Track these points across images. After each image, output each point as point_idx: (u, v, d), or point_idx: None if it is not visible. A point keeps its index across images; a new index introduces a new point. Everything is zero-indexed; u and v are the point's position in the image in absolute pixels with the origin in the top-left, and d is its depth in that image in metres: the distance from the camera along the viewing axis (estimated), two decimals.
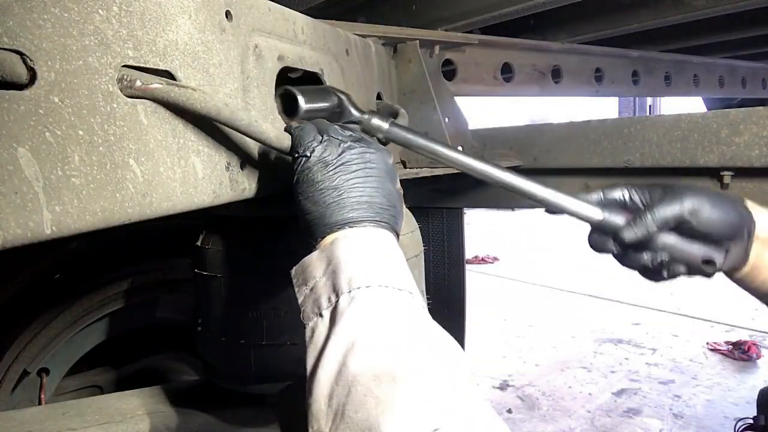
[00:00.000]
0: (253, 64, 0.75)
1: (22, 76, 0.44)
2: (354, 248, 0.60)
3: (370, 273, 0.57)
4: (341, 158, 0.66)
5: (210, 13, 0.66)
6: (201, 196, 0.65)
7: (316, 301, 0.58)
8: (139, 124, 0.55)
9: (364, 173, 0.66)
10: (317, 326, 0.56)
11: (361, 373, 0.49)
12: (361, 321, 0.53)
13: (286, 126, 0.74)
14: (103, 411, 1.18)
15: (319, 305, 0.57)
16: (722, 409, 3.30)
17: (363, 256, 0.59)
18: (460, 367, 0.53)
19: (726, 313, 4.92)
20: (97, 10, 0.50)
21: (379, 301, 0.55)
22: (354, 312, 0.54)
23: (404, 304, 0.57)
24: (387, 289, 0.57)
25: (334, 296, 0.56)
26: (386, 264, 0.60)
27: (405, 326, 0.54)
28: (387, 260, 0.60)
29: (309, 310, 0.58)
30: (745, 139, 1.21)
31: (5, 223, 0.42)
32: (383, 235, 0.64)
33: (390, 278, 0.58)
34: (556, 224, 9.09)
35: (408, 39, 1.40)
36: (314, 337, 0.56)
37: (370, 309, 0.54)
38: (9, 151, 0.43)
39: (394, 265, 0.61)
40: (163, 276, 1.76)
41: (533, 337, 4.63)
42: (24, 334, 1.58)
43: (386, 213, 0.65)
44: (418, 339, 0.53)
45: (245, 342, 1.07)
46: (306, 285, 0.60)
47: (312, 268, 0.60)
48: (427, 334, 0.55)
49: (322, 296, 0.58)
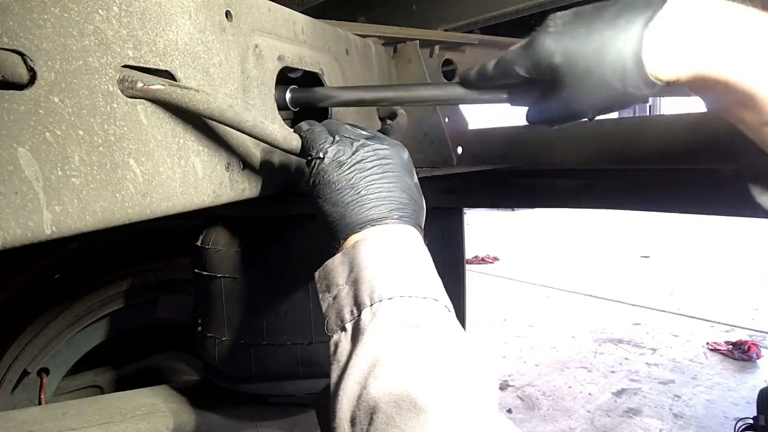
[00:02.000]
0: (253, 64, 0.75)
1: (22, 76, 0.44)
2: (376, 252, 0.58)
3: (392, 282, 0.56)
4: (355, 157, 0.65)
5: (210, 13, 0.66)
6: (201, 196, 0.65)
7: (339, 313, 0.57)
8: (139, 124, 0.55)
9: (380, 170, 0.65)
10: (341, 341, 0.55)
11: (383, 399, 0.47)
12: (383, 340, 0.52)
13: (296, 128, 0.73)
14: (103, 411, 1.18)
15: (342, 318, 0.56)
16: (722, 409, 3.30)
17: (385, 262, 0.57)
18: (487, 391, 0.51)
19: (726, 313, 4.92)
20: (97, 10, 0.50)
21: (401, 316, 0.53)
22: (375, 329, 0.52)
23: (428, 315, 0.55)
24: (410, 300, 0.55)
25: (356, 310, 0.55)
26: (409, 268, 0.58)
27: (429, 345, 0.52)
28: (410, 263, 0.59)
29: (333, 322, 0.57)
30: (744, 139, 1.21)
31: (5, 223, 0.42)
32: (406, 233, 0.63)
33: (413, 285, 0.56)
34: (556, 224, 9.10)
35: (408, 39, 1.40)
36: (337, 353, 0.55)
37: (393, 326, 0.52)
38: (9, 151, 0.43)
39: (417, 267, 0.59)
40: (163, 276, 1.77)
41: (533, 337, 4.63)
42: (24, 334, 1.58)
43: (408, 208, 0.64)
44: (443, 361, 0.51)
45: (245, 342, 1.07)
46: (329, 292, 0.59)
47: (335, 274, 0.59)
48: (453, 353, 0.52)
49: (345, 308, 0.56)
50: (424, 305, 0.55)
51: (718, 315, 4.89)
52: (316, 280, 0.62)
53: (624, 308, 5.25)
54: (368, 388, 0.49)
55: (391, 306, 0.54)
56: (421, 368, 0.50)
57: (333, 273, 0.60)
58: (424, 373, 0.49)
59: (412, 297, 0.55)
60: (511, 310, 5.35)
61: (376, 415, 0.47)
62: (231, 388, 1.14)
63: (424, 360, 0.50)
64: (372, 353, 0.51)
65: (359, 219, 0.62)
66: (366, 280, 0.56)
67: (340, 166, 0.65)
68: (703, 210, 1.37)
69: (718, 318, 4.83)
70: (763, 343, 4.22)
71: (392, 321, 0.53)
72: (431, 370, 0.50)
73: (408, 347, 0.51)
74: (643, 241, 7.88)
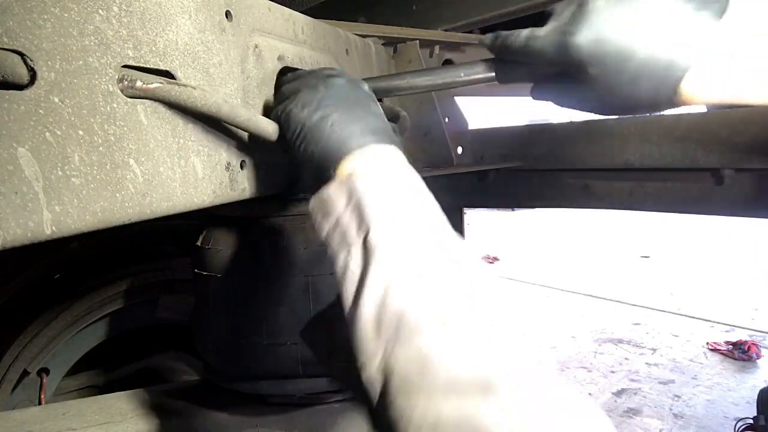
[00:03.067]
0: (253, 64, 0.75)
1: (22, 76, 0.44)
2: (373, 178, 0.58)
3: (395, 200, 0.56)
4: (318, 94, 0.66)
5: (210, 13, 0.66)
6: (201, 196, 0.65)
7: (344, 234, 0.56)
8: (139, 124, 0.55)
9: (348, 100, 0.66)
10: (351, 259, 0.55)
11: (410, 303, 0.49)
12: (398, 251, 0.52)
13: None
14: (103, 411, 1.18)
15: (348, 238, 0.56)
16: (722, 409, 3.30)
17: (384, 185, 0.58)
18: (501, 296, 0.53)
19: (726, 313, 4.92)
20: (97, 10, 0.50)
21: (411, 228, 0.54)
22: (388, 243, 0.53)
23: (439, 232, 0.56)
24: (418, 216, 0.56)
25: (364, 228, 0.55)
26: (407, 188, 0.59)
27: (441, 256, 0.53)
28: (406, 184, 0.59)
29: (337, 244, 0.57)
30: (745, 139, 1.21)
31: (5, 223, 0.42)
32: (392, 153, 0.63)
33: (415, 204, 0.58)
34: (556, 224, 9.09)
35: (408, 39, 1.40)
36: (348, 270, 0.55)
37: (405, 239, 0.53)
38: (9, 151, 0.43)
39: (413, 187, 0.60)
40: (163, 276, 1.77)
41: (533, 337, 4.62)
42: (24, 334, 1.58)
43: (384, 132, 0.65)
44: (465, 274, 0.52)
45: (245, 342, 1.07)
46: (328, 218, 0.58)
47: (332, 201, 0.58)
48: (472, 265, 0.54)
49: (350, 229, 0.56)
50: (431, 222, 0.57)
51: (718, 315, 4.89)
52: (311, 209, 0.60)
53: (624, 308, 5.25)
54: (392, 295, 0.50)
55: (399, 222, 0.54)
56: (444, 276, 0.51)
57: (329, 200, 0.59)
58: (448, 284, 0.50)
59: (418, 213, 0.56)
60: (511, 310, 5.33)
61: (404, 320, 0.48)
62: (231, 388, 1.14)
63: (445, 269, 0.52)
64: (392, 263, 0.52)
65: (341, 148, 0.62)
66: (370, 202, 0.56)
67: (305, 107, 0.65)
68: (702, 210, 1.37)
69: (718, 318, 4.83)
70: (763, 343, 4.22)
71: (404, 235, 0.54)
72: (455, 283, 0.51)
73: (424, 257, 0.52)
74: (643, 241, 7.88)
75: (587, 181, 1.55)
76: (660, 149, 1.35)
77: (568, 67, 0.65)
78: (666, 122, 1.36)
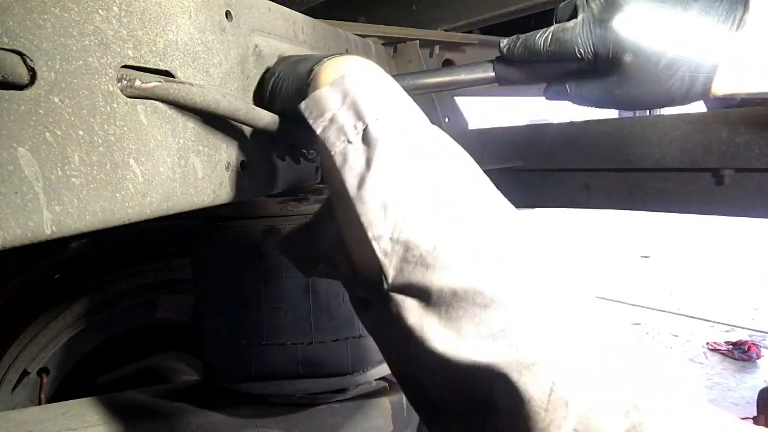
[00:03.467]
0: (253, 64, 0.75)
1: (22, 76, 0.44)
2: (365, 77, 0.59)
3: (390, 99, 0.57)
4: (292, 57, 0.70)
5: (210, 13, 0.66)
6: (201, 196, 0.65)
7: (341, 128, 0.56)
8: (139, 123, 0.55)
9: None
10: (349, 150, 0.55)
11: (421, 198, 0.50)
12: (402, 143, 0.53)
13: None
14: (103, 411, 1.18)
15: (345, 132, 0.56)
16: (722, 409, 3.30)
17: (376, 83, 0.58)
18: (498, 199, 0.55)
19: (726, 313, 4.92)
20: (97, 10, 0.50)
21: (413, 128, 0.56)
22: (392, 136, 0.53)
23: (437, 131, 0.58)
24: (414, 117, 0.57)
25: (362, 123, 0.55)
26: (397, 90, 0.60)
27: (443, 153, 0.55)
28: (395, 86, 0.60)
29: (333, 137, 0.56)
30: (745, 139, 1.21)
31: (5, 223, 0.42)
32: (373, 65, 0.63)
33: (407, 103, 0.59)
34: (556, 224, 9.09)
35: (408, 39, 1.40)
36: (349, 159, 0.54)
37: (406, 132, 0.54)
38: (9, 151, 0.43)
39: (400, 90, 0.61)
40: (163, 276, 1.77)
41: None
42: (24, 334, 1.58)
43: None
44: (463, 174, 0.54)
45: (245, 342, 1.07)
46: (322, 117, 0.58)
47: (326, 101, 0.58)
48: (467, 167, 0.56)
49: (347, 124, 0.56)
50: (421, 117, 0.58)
51: (718, 315, 4.89)
52: (303, 110, 0.59)
53: (624, 308, 5.25)
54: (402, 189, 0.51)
55: (398, 117, 0.55)
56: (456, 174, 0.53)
57: (323, 100, 0.58)
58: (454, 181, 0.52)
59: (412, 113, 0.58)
60: None
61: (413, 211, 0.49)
62: (231, 388, 1.14)
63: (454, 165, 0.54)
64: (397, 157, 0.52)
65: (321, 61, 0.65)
66: (365, 100, 0.56)
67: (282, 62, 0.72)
68: (703, 210, 1.37)
69: (718, 318, 4.83)
70: (763, 343, 4.22)
71: (406, 130, 0.55)
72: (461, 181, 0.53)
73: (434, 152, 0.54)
74: (643, 241, 7.88)
75: (587, 181, 1.55)
76: (660, 149, 1.35)
77: (599, 59, 0.64)
78: (666, 122, 1.36)
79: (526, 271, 0.47)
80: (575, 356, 0.42)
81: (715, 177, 1.30)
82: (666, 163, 1.35)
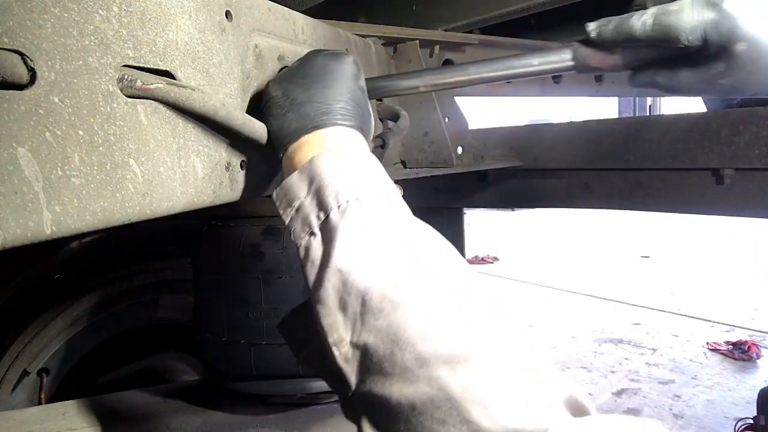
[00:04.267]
0: (253, 64, 0.75)
1: (22, 76, 0.44)
2: (333, 162, 0.58)
3: (355, 185, 0.56)
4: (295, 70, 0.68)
5: (210, 13, 0.66)
6: (201, 196, 0.65)
7: (305, 219, 0.57)
8: (139, 124, 0.55)
9: (320, 78, 0.66)
10: (311, 244, 0.55)
11: (373, 280, 0.49)
12: (360, 232, 0.53)
13: None
14: (103, 411, 1.18)
15: (309, 224, 0.56)
16: (722, 409, 3.30)
17: (344, 169, 0.58)
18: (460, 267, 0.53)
19: (726, 313, 4.92)
20: (97, 10, 0.50)
21: (371, 211, 0.55)
22: (349, 224, 0.53)
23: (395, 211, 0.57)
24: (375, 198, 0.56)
25: (323, 213, 0.55)
26: (365, 172, 0.59)
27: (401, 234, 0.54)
28: (364, 168, 0.59)
29: (299, 230, 0.57)
30: (745, 139, 1.21)
31: (5, 223, 0.42)
32: (348, 136, 0.63)
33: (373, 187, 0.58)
34: (556, 224, 9.09)
35: (408, 39, 1.40)
36: (310, 254, 0.55)
37: (365, 220, 0.54)
38: (9, 151, 0.43)
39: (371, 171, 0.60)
40: (163, 276, 1.77)
41: (533, 337, 4.63)
42: (24, 334, 1.58)
43: (348, 112, 0.65)
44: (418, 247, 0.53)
45: (245, 342, 1.07)
46: (291, 206, 0.59)
47: (294, 189, 0.59)
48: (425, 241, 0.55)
49: (311, 214, 0.56)
50: (389, 201, 0.58)
51: (718, 315, 4.89)
52: (275, 199, 0.61)
53: (624, 308, 5.25)
54: (355, 273, 0.50)
55: (358, 204, 0.55)
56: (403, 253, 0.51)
57: (293, 189, 0.59)
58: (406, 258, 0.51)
59: (377, 195, 0.57)
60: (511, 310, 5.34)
61: (368, 296, 0.48)
62: (231, 388, 1.14)
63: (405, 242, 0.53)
64: (351, 244, 0.52)
65: (297, 126, 0.63)
66: (329, 186, 0.56)
67: (281, 81, 0.68)
68: (703, 210, 1.37)
69: (718, 318, 4.83)
70: (763, 343, 4.22)
71: (363, 215, 0.54)
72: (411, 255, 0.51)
73: (385, 233, 0.53)
74: (643, 241, 7.88)
75: (587, 181, 1.55)
76: (660, 149, 1.35)
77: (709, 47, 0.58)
78: (666, 122, 1.36)
79: (485, 379, 0.43)
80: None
81: (715, 177, 1.30)
82: (666, 163, 1.35)
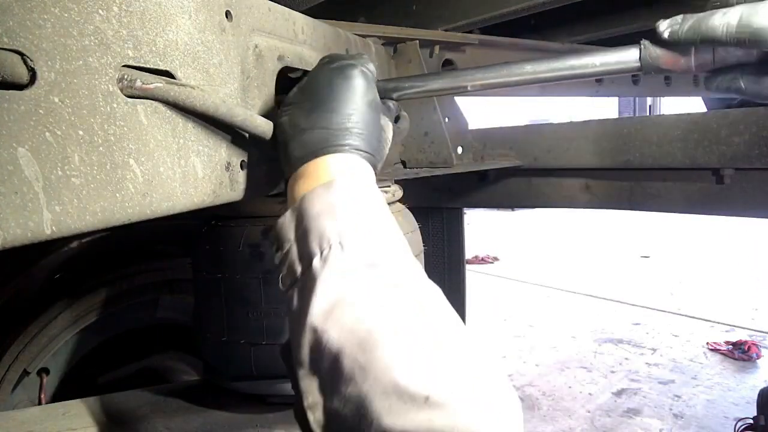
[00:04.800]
0: (253, 64, 0.75)
1: (22, 76, 0.44)
2: (324, 198, 0.56)
3: (342, 225, 0.54)
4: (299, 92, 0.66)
5: (210, 13, 0.66)
6: (201, 196, 0.65)
7: (291, 267, 0.56)
8: (139, 124, 0.55)
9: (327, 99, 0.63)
10: (293, 295, 0.54)
11: (345, 341, 0.47)
12: (337, 284, 0.51)
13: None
14: (104, 411, 1.18)
15: (293, 271, 0.55)
16: (722, 409, 3.30)
17: (333, 206, 0.55)
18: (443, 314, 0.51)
19: (726, 313, 4.92)
20: (97, 10, 0.50)
21: (353, 258, 0.52)
22: (328, 276, 0.51)
23: (381, 253, 0.54)
24: (361, 241, 0.53)
25: (306, 261, 0.54)
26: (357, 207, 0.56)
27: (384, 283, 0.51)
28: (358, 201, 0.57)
29: (286, 278, 0.57)
30: (745, 139, 1.21)
31: (5, 223, 0.42)
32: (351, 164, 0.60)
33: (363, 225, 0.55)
34: (555, 224, 9.09)
35: (408, 39, 1.39)
36: (292, 306, 0.54)
37: (345, 269, 0.51)
38: (9, 151, 0.43)
39: (365, 204, 0.57)
40: (163, 276, 1.77)
41: (533, 337, 4.63)
42: (24, 334, 1.58)
43: (352, 137, 0.62)
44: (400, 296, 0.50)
45: (245, 342, 1.07)
46: (281, 249, 0.58)
47: (284, 231, 0.58)
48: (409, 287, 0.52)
49: (295, 262, 0.55)
50: (375, 243, 0.54)
51: (718, 315, 4.89)
52: (270, 241, 0.61)
53: (624, 308, 5.25)
54: (329, 333, 0.48)
55: (341, 250, 0.52)
56: (379, 307, 0.49)
57: (283, 230, 0.58)
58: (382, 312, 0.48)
59: (362, 238, 0.54)
60: (511, 310, 5.35)
61: (340, 361, 0.46)
62: (231, 388, 1.14)
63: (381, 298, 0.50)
64: (327, 298, 0.50)
65: (299, 155, 0.62)
66: (313, 230, 0.54)
67: (288, 106, 0.66)
68: (703, 210, 1.37)
69: (718, 318, 4.83)
70: (763, 343, 4.22)
71: (344, 264, 0.52)
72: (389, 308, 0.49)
73: (363, 287, 0.50)
74: (643, 241, 7.88)
75: (587, 181, 1.55)
76: (660, 149, 1.35)
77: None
78: (666, 122, 1.36)
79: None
80: None
81: (715, 177, 1.30)
82: (666, 163, 1.35)
